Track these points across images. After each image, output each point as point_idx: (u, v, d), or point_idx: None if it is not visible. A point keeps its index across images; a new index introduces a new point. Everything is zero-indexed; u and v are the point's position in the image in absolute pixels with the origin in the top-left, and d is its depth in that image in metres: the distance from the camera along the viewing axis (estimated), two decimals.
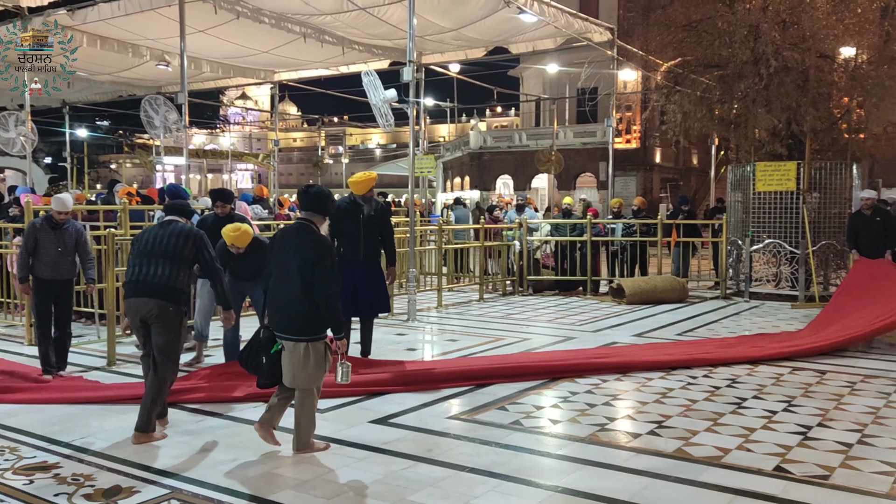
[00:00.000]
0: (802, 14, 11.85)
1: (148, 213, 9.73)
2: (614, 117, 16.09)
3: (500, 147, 35.15)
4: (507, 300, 12.04)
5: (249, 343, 4.80)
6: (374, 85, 9.03)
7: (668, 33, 13.90)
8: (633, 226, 13.17)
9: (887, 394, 6.13)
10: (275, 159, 22.90)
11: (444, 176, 41.17)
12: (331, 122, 57.99)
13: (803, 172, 11.84)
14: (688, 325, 9.76)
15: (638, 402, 5.93)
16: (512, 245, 12.95)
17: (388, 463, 4.51)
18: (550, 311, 10.95)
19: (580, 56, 20.09)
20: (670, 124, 13.88)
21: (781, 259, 12.36)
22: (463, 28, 13.07)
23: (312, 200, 4.64)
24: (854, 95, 12.44)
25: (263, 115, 70.32)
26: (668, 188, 33.37)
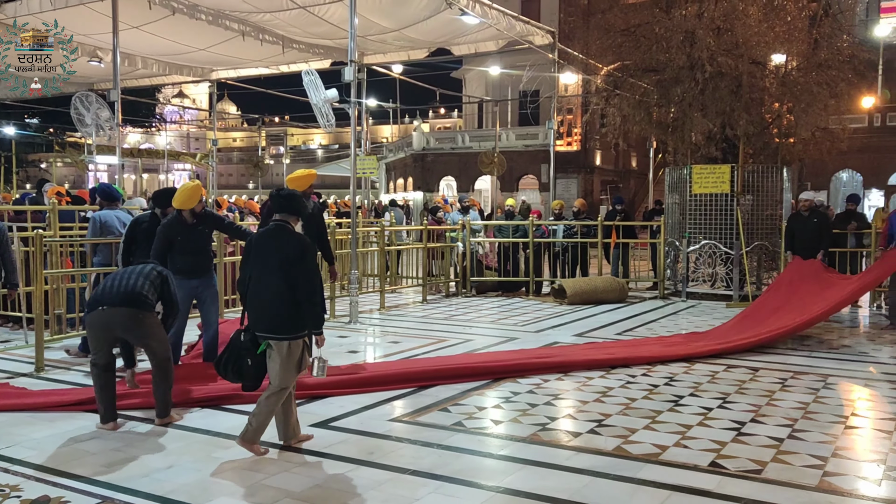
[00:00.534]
0: (735, 21, 12.22)
1: (79, 214, 9.41)
2: (555, 120, 16.29)
3: (444, 148, 35.24)
4: (451, 301, 12.04)
5: (229, 348, 4.74)
6: (315, 84, 8.92)
7: (607, 38, 14.18)
8: (574, 227, 13.34)
9: (816, 389, 6.34)
10: (213, 159, 22.47)
11: (388, 177, 41.05)
12: (272, 121, 57.23)
13: (737, 175, 12.18)
14: (627, 324, 9.92)
15: (579, 401, 5.99)
16: (455, 246, 12.97)
17: (328, 467, 4.45)
18: (493, 311, 11.00)
19: (522, 59, 20.31)
20: (610, 127, 14.17)
21: (717, 260, 12.70)
22: (405, 29, 13.04)
23: (286, 202, 4.76)
24: (784, 101, 12.88)
25: (202, 114, 68.91)
26: (609, 190, 33.99)
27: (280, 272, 4.51)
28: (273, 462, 4.52)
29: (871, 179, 26.54)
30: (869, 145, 24.78)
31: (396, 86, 29.48)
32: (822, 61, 12.63)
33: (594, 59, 15.56)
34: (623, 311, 11.11)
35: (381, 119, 63.58)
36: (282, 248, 4.57)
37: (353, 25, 9.05)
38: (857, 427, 5.33)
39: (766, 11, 12.79)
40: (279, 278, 4.51)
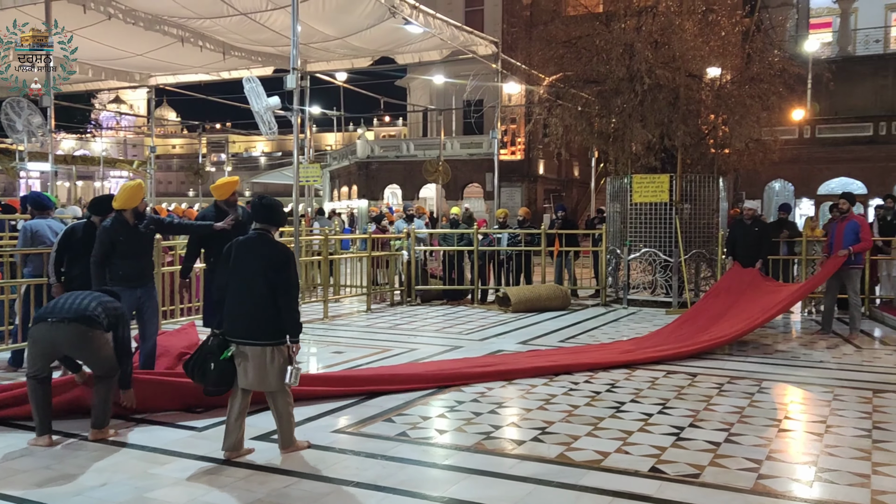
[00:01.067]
0: (672, 35, 12.54)
1: (8, 223, 9.07)
2: (499, 129, 16.43)
3: (388, 156, 35.16)
4: (395, 310, 12.00)
5: (198, 351, 4.77)
6: (257, 92, 8.81)
7: (549, 49, 14.38)
8: (519, 236, 13.45)
9: (751, 394, 6.52)
10: (151, 166, 21.94)
11: (332, 185, 40.74)
12: (212, 128, 56.26)
13: (675, 185, 12.48)
14: (570, 331, 10.04)
15: (523, 409, 6.03)
16: (400, 255, 12.93)
17: (269, 481, 4.37)
18: (438, 320, 11.00)
19: (466, 68, 20.45)
20: (552, 137, 14.35)
21: (657, 267, 12.97)
22: (349, 37, 12.99)
23: (267, 212, 4.86)
24: (719, 113, 13.25)
25: (140, 120, 67.28)
26: (552, 199, 34.41)
27: (263, 280, 4.62)
28: (212, 477, 4.42)
29: (801, 189, 27.49)
30: (799, 156, 25.67)
31: (340, 94, 29.33)
32: (754, 75, 13.06)
33: (537, 69, 15.76)
34: (566, 318, 11.24)
35: (325, 127, 63.11)
36: (266, 256, 4.68)
37: (296, 33, 8.97)
38: (790, 430, 5.49)
39: (701, 26, 13.17)
40: (262, 286, 4.62)
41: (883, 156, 25.92)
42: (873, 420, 5.67)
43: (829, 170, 26.99)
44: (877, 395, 6.48)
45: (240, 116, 61.38)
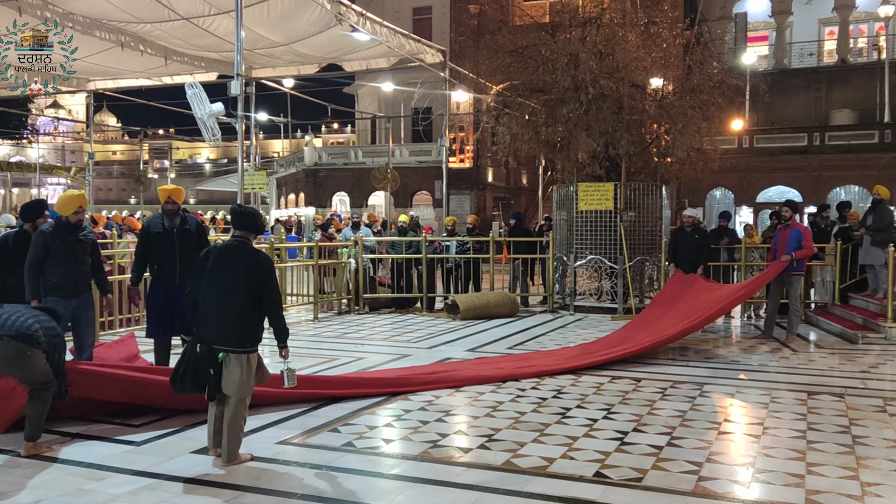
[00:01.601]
0: (616, 46, 12.76)
1: None
2: (448, 137, 16.48)
3: (336, 164, 34.96)
4: (343, 319, 11.91)
5: (185, 362, 4.72)
6: (200, 98, 8.66)
7: (496, 58, 14.49)
8: (467, 243, 13.49)
9: (693, 398, 6.66)
10: (90, 173, 21.36)
11: (279, 192, 40.28)
12: (155, 134, 55.10)
13: (620, 193, 12.69)
14: (518, 338, 10.11)
15: (470, 416, 6.03)
16: (347, 263, 12.84)
17: (211, 495, 4.27)
18: (386, 328, 10.95)
19: (414, 76, 20.44)
20: (500, 145, 14.43)
21: (602, 274, 13.17)
22: (294, 43, 12.86)
23: (247, 219, 4.92)
24: (662, 123, 13.53)
25: (78, 126, 65.48)
26: (501, 206, 34.67)
27: (246, 287, 4.69)
28: (151, 493, 4.30)
29: (741, 197, 28.28)
30: (738, 165, 26.42)
31: (287, 100, 29.03)
32: (694, 86, 13.37)
33: (484, 78, 15.86)
34: (514, 325, 11.31)
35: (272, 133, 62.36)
36: (249, 264, 4.75)
37: (240, 38, 8.85)
38: (729, 432, 5.62)
39: (643, 38, 13.45)
40: (245, 294, 4.69)
41: (816, 165, 26.86)
42: (808, 421, 5.84)
43: (766, 178, 27.85)
44: (811, 396, 6.69)
45: (184, 122, 60.20)
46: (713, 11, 30.66)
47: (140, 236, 7.24)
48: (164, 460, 4.85)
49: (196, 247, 6.93)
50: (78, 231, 6.17)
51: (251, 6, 10.21)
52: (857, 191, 26.00)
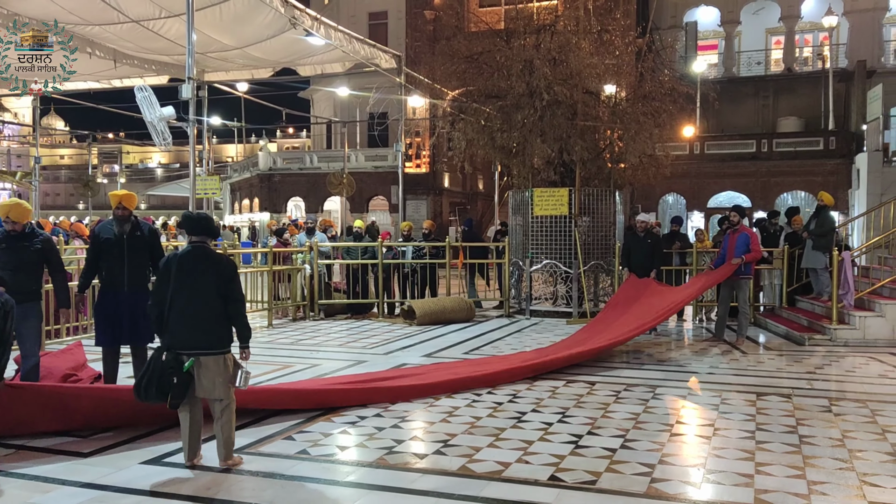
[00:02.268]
0: (570, 53, 12.90)
1: None
2: (404, 142, 16.46)
3: (291, 169, 34.62)
4: (298, 325, 11.78)
5: (150, 370, 4.69)
6: (150, 101, 8.50)
7: (451, 64, 14.52)
8: (424, 248, 13.49)
9: (646, 400, 6.75)
10: (37, 178, 20.76)
11: (232, 197, 39.73)
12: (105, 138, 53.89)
13: (574, 198, 12.83)
14: (475, 343, 10.13)
15: (425, 422, 6.02)
16: (302, 269, 12.72)
17: None
18: (342, 335, 10.88)
19: (370, 81, 20.39)
20: (456, 151, 14.47)
21: (557, 278, 13.28)
22: (248, 47, 12.71)
23: (203, 225, 4.98)
24: (615, 129, 13.71)
25: (25, 129, 63.70)
26: (457, 212, 34.74)
27: (215, 291, 4.77)
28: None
29: (693, 202, 28.81)
30: (690, 171, 26.97)
31: (241, 104, 28.69)
32: (646, 93, 13.58)
33: (440, 83, 15.89)
34: (471, 330, 11.34)
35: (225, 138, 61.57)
36: (215, 268, 4.83)
37: (191, 42, 8.72)
38: (681, 434, 5.71)
39: (596, 45, 13.61)
40: (214, 297, 4.77)
41: (764, 171, 27.53)
42: (757, 422, 5.97)
43: (717, 184, 28.43)
44: (760, 398, 6.83)
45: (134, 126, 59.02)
46: (664, 20, 31.24)
47: (90, 242, 7.07)
48: (113, 471, 4.74)
49: (148, 254, 6.81)
50: (20, 239, 6.01)
51: (203, 9, 10.06)
52: (804, 196, 26.70)
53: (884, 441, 5.45)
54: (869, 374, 8.03)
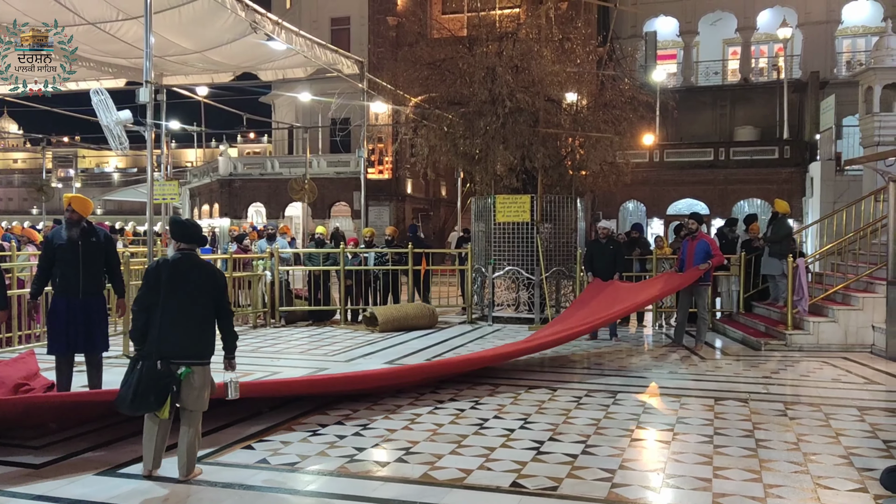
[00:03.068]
0: (532, 61, 12.99)
1: None
2: (366, 148, 16.39)
3: (252, 174, 34.24)
4: (258, 333, 11.64)
5: (142, 380, 4.52)
6: (106, 105, 8.34)
7: (414, 70, 14.52)
8: (386, 255, 13.43)
9: (606, 406, 6.80)
10: None
11: (192, 203, 39.16)
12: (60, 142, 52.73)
13: (536, 205, 12.91)
14: (437, 349, 10.11)
15: (387, 429, 5.98)
16: (263, 276, 12.58)
17: None
18: (303, 342, 10.77)
19: (333, 86, 20.25)
20: (419, 157, 14.45)
21: (520, 284, 13.35)
22: (208, 51, 12.53)
23: (192, 231, 4.94)
24: (576, 136, 13.84)
25: None
26: (420, 218, 34.71)
27: (208, 300, 4.74)
28: None
29: (652, 209, 29.20)
30: (650, 178, 27.33)
31: (201, 109, 28.31)
32: (607, 101, 13.75)
33: (402, 89, 15.86)
34: (433, 336, 11.32)
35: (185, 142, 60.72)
36: (208, 277, 4.81)
37: (149, 45, 8.57)
38: (641, 439, 5.77)
39: (558, 53, 13.73)
40: (206, 306, 4.74)
41: (722, 179, 28.04)
42: (715, 427, 6.05)
43: (676, 191, 28.87)
44: (718, 402, 6.94)
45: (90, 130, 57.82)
46: (624, 30, 31.70)
47: (43, 248, 6.91)
48: (65, 483, 4.61)
49: (103, 260, 6.68)
50: None
51: (161, 12, 9.90)
52: (760, 204, 27.24)
53: (837, 444, 5.57)
54: (822, 379, 8.21)
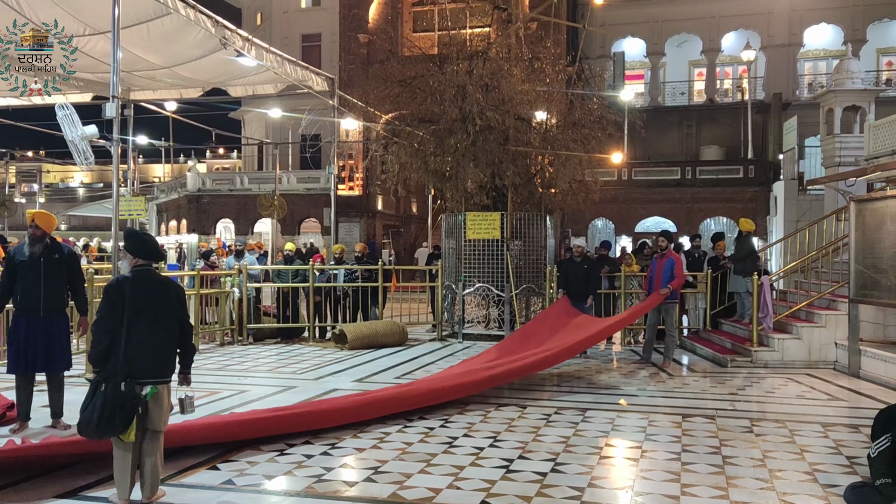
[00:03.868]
0: (502, 80, 13.12)
1: None
2: (336, 164, 16.34)
3: (221, 190, 33.96)
4: (226, 350, 11.49)
5: (106, 402, 4.34)
6: (71, 120, 8.21)
7: (385, 87, 14.58)
8: (356, 272, 13.38)
9: (576, 423, 6.82)
10: None
11: (159, 219, 38.69)
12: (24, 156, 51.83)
13: (507, 222, 12.97)
14: (407, 367, 10.06)
15: (356, 448, 5.93)
16: (231, 293, 12.43)
17: None
18: (272, 360, 10.65)
19: (303, 102, 20.24)
20: (389, 174, 14.46)
21: (490, 301, 13.36)
22: (177, 67, 12.42)
23: (151, 247, 4.80)
24: (546, 154, 13.97)
25: None
26: (391, 234, 34.66)
27: (173, 317, 4.63)
28: None
29: (621, 227, 29.50)
30: (618, 196, 27.65)
31: (170, 124, 28.05)
32: (576, 120, 13.92)
33: (373, 107, 15.90)
34: (403, 354, 11.27)
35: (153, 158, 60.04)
36: (171, 293, 4.68)
37: (116, 60, 8.46)
38: (610, 457, 5.79)
39: (528, 73, 13.89)
40: (171, 323, 4.62)
41: (689, 197, 28.44)
42: (682, 444, 6.10)
43: (644, 209, 29.20)
44: (685, 419, 6.99)
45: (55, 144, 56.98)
46: (593, 50, 32.14)
47: (5, 265, 6.77)
48: None
49: (65, 278, 6.57)
50: None
51: (129, 27, 9.81)
52: (726, 222, 27.66)
53: (802, 461, 5.64)
54: (787, 395, 8.32)
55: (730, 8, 31.82)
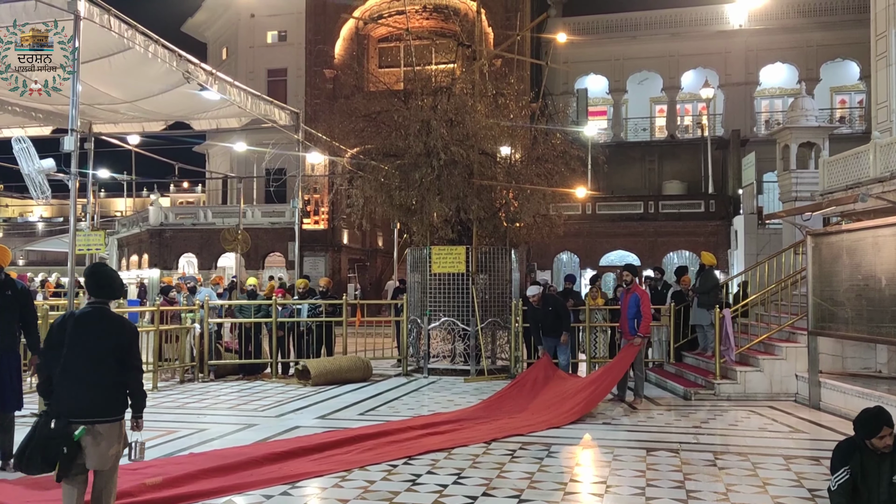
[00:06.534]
0: (466, 115, 13.23)
1: None
2: (301, 198, 16.28)
3: (184, 224, 33.57)
4: (185, 388, 11.24)
5: (34, 439, 4.29)
6: (28, 153, 8.07)
7: (350, 122, 14.62)
8: (320, 306, 13.24)
9: (540, 459, 6.76)
10: None
11: (120, 253, 38.05)
12: None
13: (472, 256, 12.99)
14: (371, 403, 9.93)
15: (318, 487, 5.81)
16: (192, 328, 12.21)
17: None
18: (232, 396, 10.44)
19: (268, 136, 20.17)
20: (354, 208, 14.43)
21: (456, 336, 13.31)
22: (139, 101, 12.31)
23: (107, 285, 4.63)
24: (510, 189, 14.07)
25: None
26: (356, 268, 34.49)
27: (114, 356, 4.43)
28: None
29: (585, 260, 29.76)
30: (582, 230, 27.96)
31: (132, 158, 27.72)
32: (540, 155, 14.07)
33: (338, 141, 15.91)
34: (367, 389, 11.13)
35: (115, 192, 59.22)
36: (115, 332, 4.51)
37: (76, 93, 8.36)
38: (575, 493, 5.74)
39: (492, 108, 14.04)
40: (114, 362, 4.43)
41: (652, 231, 28.85)
42: (647, 478, 6.08)
43: (608, 243, 29.53)
44: (650, 453, 6.98)
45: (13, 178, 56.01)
46: (557, 86, 32.70)
47: None
48: None
49: (17, 315, 6.40)
50: None
51: (90, 62, 9.70)
52: (689, 255, 28.07)
53: (765, 494, 5.65)
54: (750, 428, 8.37)
55: (689, 47, 32.70)
